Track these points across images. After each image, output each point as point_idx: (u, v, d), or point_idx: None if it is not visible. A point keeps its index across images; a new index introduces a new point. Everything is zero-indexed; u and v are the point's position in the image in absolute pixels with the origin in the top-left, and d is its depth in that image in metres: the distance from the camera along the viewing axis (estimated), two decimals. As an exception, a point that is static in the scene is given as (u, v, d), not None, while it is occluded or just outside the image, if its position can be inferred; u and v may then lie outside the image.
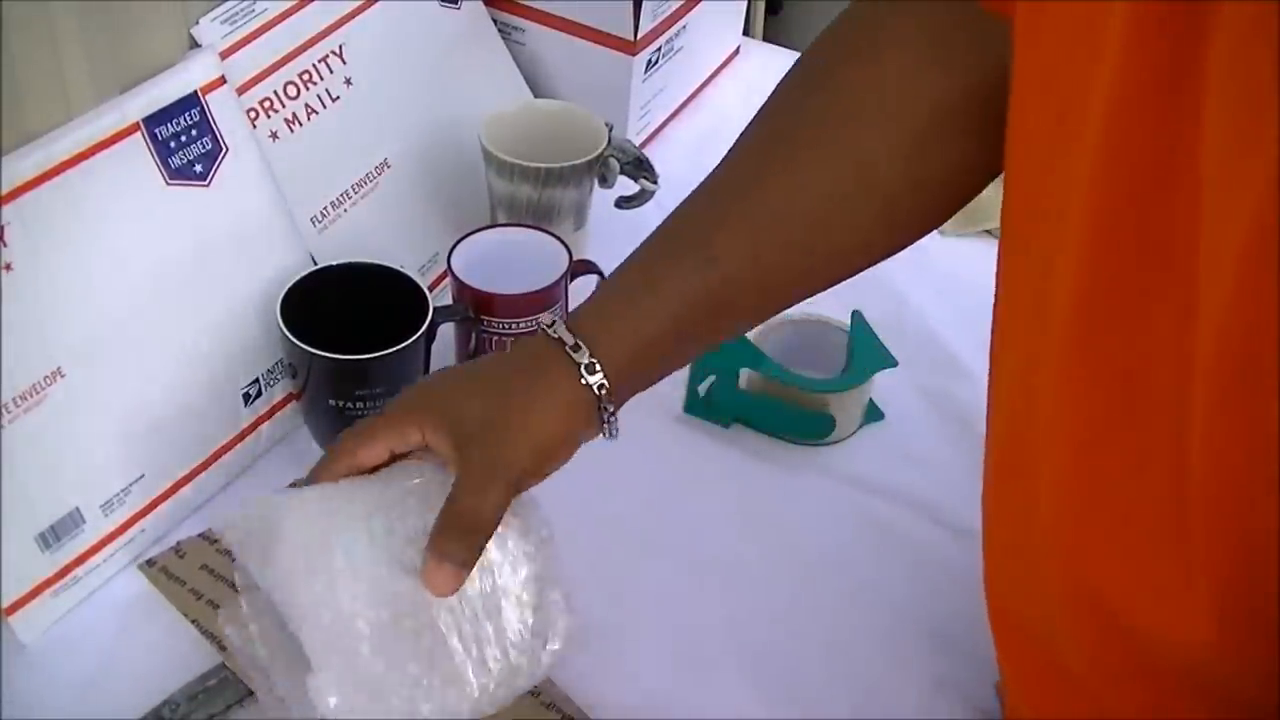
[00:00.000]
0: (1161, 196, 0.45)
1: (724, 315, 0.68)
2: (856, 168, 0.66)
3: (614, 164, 1.00)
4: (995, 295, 0.60)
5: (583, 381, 0.63)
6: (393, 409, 0.65)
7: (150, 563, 0.80)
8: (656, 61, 1.12)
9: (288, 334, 0.82)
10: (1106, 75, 0.47)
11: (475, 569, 0.60)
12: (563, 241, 0.92)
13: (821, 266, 0.69)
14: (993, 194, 0.63)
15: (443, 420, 0.63)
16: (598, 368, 0.64)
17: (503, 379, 0.65)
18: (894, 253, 0.70)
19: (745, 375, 0.91)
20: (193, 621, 0.77)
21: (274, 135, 0.90)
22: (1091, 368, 0.50)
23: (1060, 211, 0.51)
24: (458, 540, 0.60)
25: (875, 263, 0.69)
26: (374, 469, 0.64)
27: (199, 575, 0.80)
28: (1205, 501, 0.45)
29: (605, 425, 0.65)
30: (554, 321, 0.65)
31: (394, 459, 0.65)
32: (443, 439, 0.63)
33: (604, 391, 0.64)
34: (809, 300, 0.70)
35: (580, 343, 0.64)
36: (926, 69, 0.65)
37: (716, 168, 0.70)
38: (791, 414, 0.91)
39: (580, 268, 0.93)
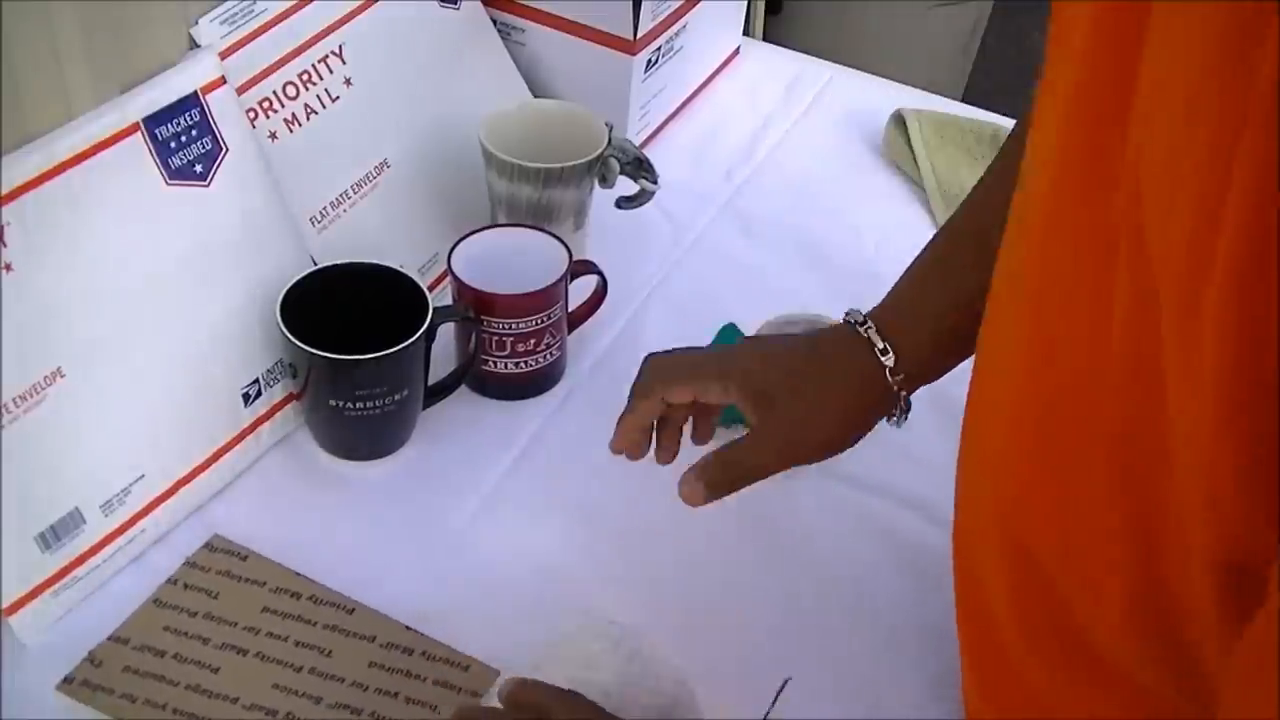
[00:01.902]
0: (1102, 195, 0.47)
1: None
2: None
3: (614, 164, 1.00)
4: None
5: (883, 366, 0.72)
6: (695, 363, 0.75)
7: (68, 680, 0.73)
8: (656, 61, 1.12)
9: (288, 334, 0.82)
10: (1067, 84, 0.49)
11: None
12: (563, 242, 0.92)
13: None
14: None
15: (748, 381, 0.72)
16: (897, 363, 0.73)
17: (806, 356, 0.74)
18: None
19: None
20: None
21: (274, 135, 0.90)
22: (1045, 366, 0.53)
23: (1023, 212, 0.53)
24: (722, 472, 0.70)
25: None
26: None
27: (123, 678, 0.74)
28: (1114, 489, 0.48)
29: (899, 413, 0.74)
30: (865, 321, 0.74)
31: (694, 407, 0.76)
32: (745, 399, 0.72)
33: (900, 379, 0.73)
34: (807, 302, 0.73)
35: (887, 346, 0.73)
36: None
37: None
38: None
39: (580, 268, 0.93)
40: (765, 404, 0.72)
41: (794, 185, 1.17)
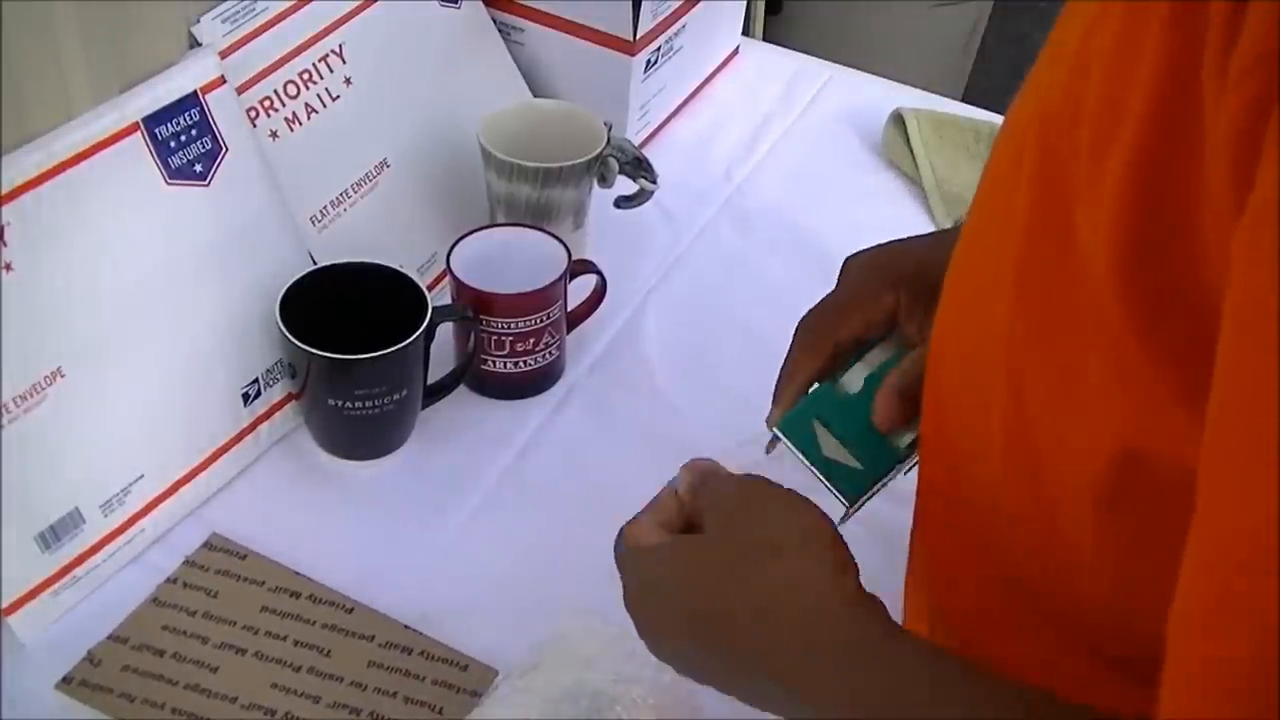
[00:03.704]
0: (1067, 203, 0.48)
1: None
2: None
3: (613, 164, 1.01)
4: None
5: None
6: (855, 281, 0.67)
7: (67, 679, 0.74)
8: (656, 61, 1.12)
9: (287, 334, 0.82)
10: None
11: None
12: (562, 241, 0.92)
13: None
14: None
15: (915, 281, 0.65)
16: None
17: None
18: None
19: None
20: None
21: (274, 135, 0.90)
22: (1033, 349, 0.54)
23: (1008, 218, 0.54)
24: (914, 386, 0.63)
25: None
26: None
27: (122, 678, 0.74)
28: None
29: None
30: None
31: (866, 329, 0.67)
32: (915, 302, 0.65)
33: None
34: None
35: None
36: None
37: None
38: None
39: (579, 268, 0.93)
40: (935, 300, 0.64)
41: (793, 184, 1.17)
